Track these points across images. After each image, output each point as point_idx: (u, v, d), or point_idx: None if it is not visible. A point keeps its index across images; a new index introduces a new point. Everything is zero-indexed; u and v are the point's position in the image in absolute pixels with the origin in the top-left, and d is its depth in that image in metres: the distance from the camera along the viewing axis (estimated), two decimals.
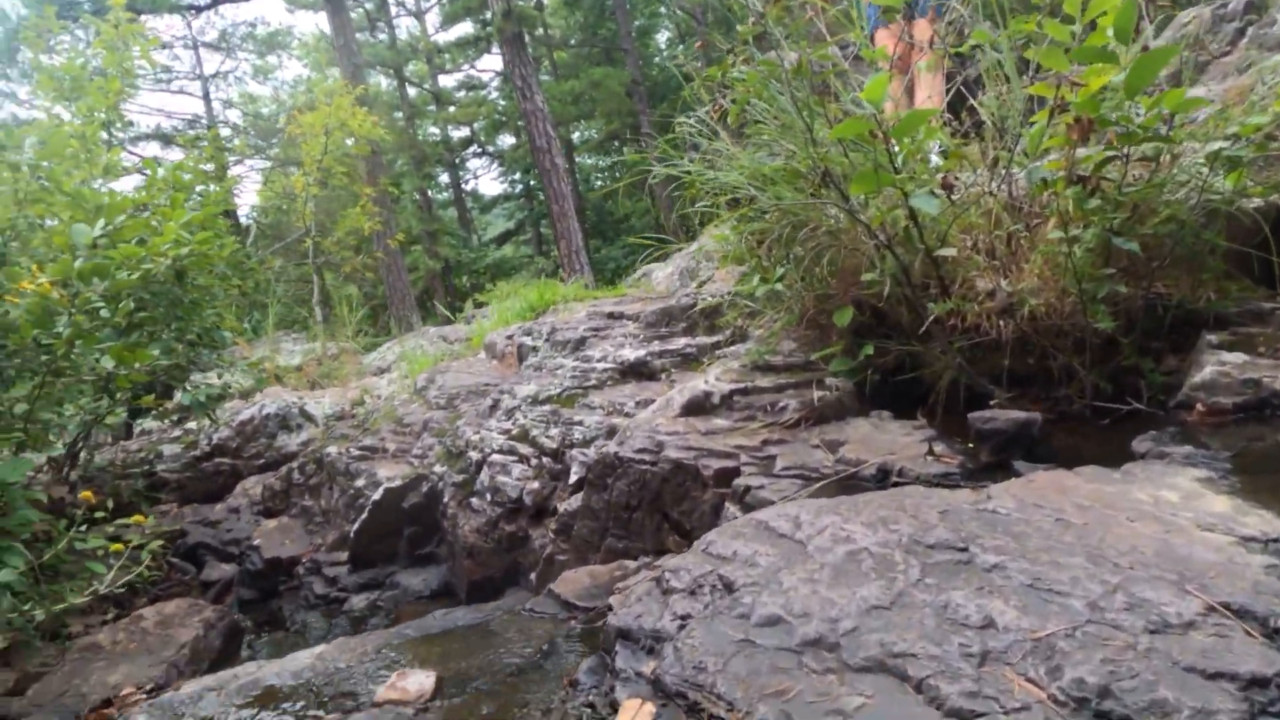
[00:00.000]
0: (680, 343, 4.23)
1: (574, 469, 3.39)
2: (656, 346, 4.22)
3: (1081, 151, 2.26)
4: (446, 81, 30.37)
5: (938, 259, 2.47)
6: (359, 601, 3.81)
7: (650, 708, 1.22)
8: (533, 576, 3.16)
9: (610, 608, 2.19)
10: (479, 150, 32.94)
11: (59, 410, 4.08)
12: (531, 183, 32.54)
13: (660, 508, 2.51)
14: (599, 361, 4.16)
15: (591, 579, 2.45)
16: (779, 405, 2.71)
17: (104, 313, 3.92)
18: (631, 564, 2.53)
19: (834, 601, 1.28)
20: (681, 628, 1.38)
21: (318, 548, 4.35)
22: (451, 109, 28.08)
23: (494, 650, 2.13)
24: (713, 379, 2.92)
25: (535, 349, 4.68)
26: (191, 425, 6.82)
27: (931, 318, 2.45)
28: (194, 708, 2.05)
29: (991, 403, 2.46)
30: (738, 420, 2.71)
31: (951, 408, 2.62)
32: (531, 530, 3.48)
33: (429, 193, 28.23)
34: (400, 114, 23.46)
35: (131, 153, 17.69)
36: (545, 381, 4.13)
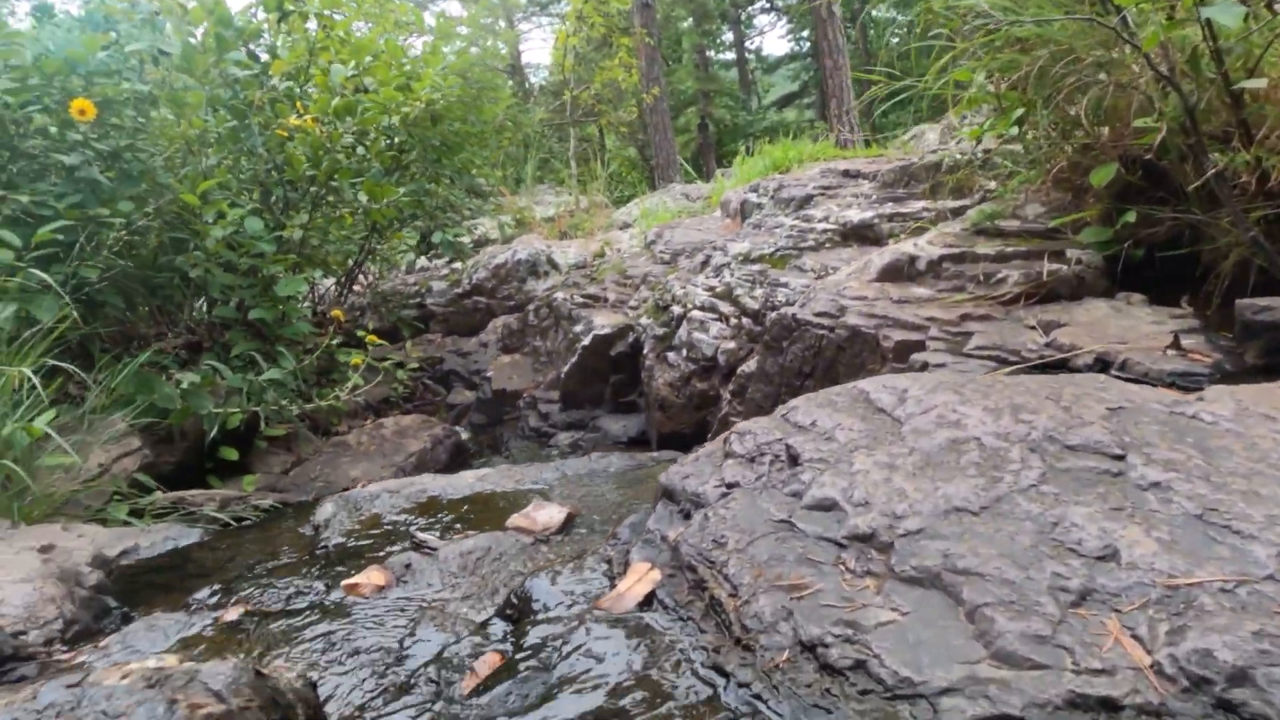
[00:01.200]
0: (916, 206, 3.74)
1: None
2: (888, 209, 3.77)
3: None
4: None
5: (1239, 95, 1.84)
6: (564, 439, 4.01)
7: (656, 575, 1.09)
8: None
9: None
10: (766, 5, 31.31)
11: (326, 238, 4.63)
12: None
13: (833, 377, 2.26)
14: (820, 222, 3.81)
15: None
16: (996, 276, 2.27)
17: (360, 150, 4.31)
18: None
19: (906, 494, 1.02)
20: (723, 496, 1.21)
21: (538, 385, 4.63)
22: None
23: (632, 496, 2.09)
24: (923, 241, 2.52)
25: (759, 206, 4.42)
26: (457, 265, 7.52)
27: (1215, 173, 1.85)
28: (370, 503, 2.27)
29: None
30: (942, 290, 2.33)
31: (1234, 298, 2.02)
32: (722, 390, 3.38)
33: (708, 51, 27.53)
34: None
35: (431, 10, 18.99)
36: (760, 240, 3.89)
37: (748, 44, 31.72)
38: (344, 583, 1.68)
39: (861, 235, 3.67)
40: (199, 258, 3.67)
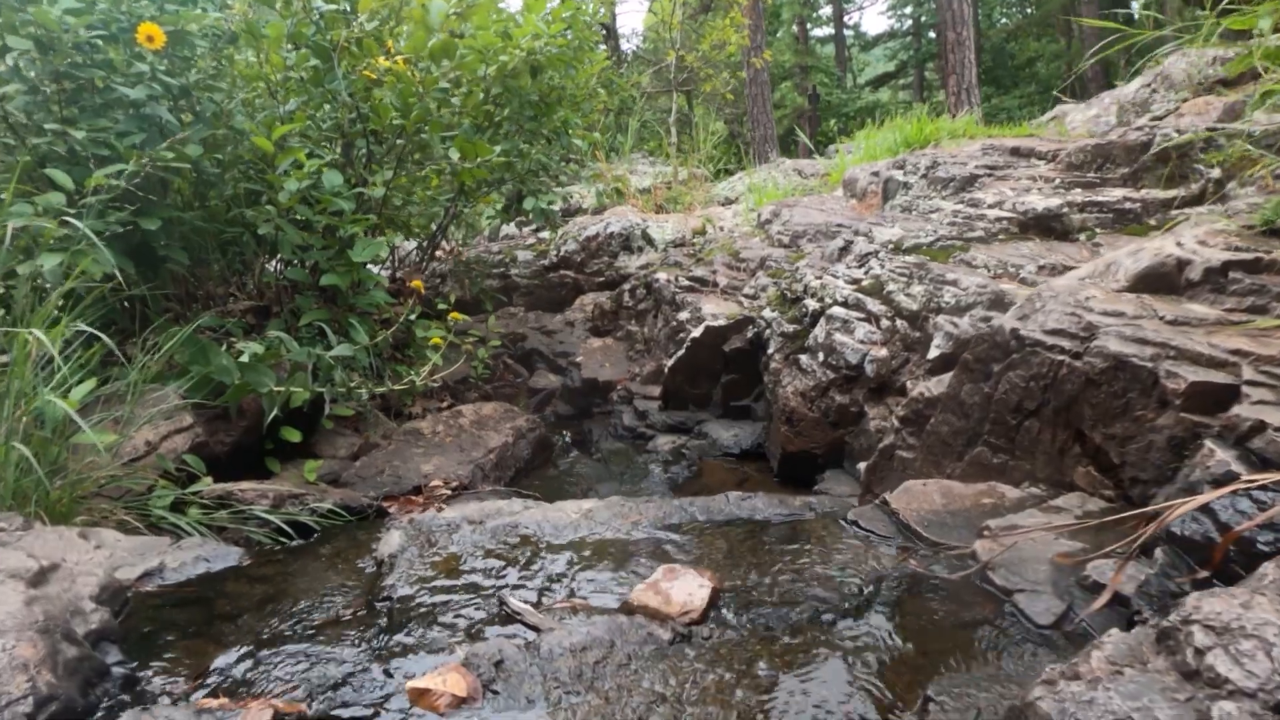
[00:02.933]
0: (1115, 194, 3.05)
1: (937, 340, 2.58)
2: (1078, 196, 3.09)
3: None
4: None
5: None
6: (664, 443, 3.49)
7: None
8: (861, 467, 2.50)
9: (974, 556, 1.47)
10: None
11: (409, 198, 4.18)
12: (922, 18, 28.84)
13: (1074, 421, 1.66)
14: (990, 208, 3.16)
15: (945, 499, 1.73)
16: None
17: (454, 100, 3.83)
18: (1010, 492, 1.74)
19: None
20: None
21: (634, 376, 4.11)
22: None
23: (795, 569, 1.55)
24: (1189, 241, 1.88)
25: (905, 185, 3.77)
26: (545, 235, 7.05)
27: None
28: (446, 538, 1.79)
29: None
30: (1232, 309, 1.69)
31: None
32: (869, 407, 2.79)
33: (807, 25, 26.39)
34: None
35: None
36: (913, 226, 3.26)
37: (846, 19, 30.46)
38: (410, 685, 1.19)
39: (1046, 226, 3.01)
40: (270, 212, 3.25)
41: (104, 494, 2.46)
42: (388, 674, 1.27)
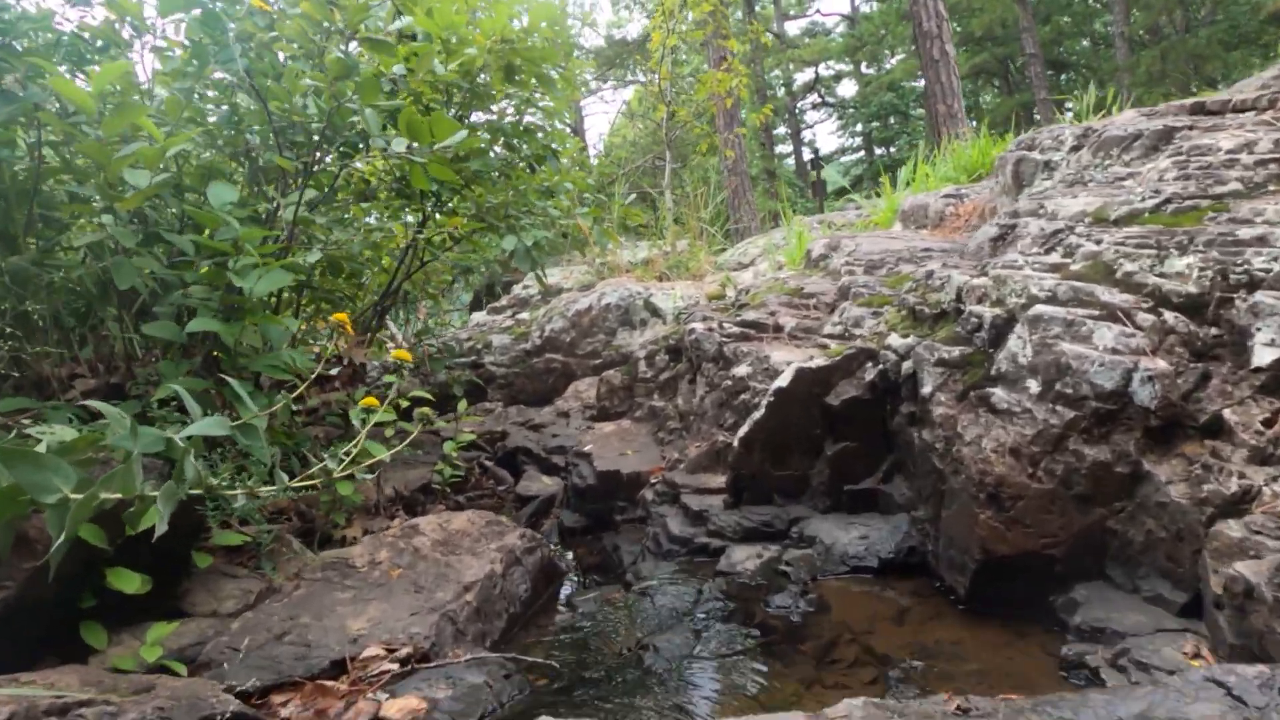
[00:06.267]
0: None
1: (1265, 334, 1.39)
2: None
3: None
4: (790, 28, 28.56)
5: None
6: (744, 558, 2.18)
7: None
8: (1165, 586, 1.23)
9: None
10: (819, 100, 30.81)
11: (342, 222, 2.98)
12: (872, 131, 29.33)
13: None
14: (1235, 153, 2.04)
15: None
16: None
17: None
18: None
19: None
20: None
21: (672, 464, 2.83)
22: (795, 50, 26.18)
23: None
24: None
25: (1048, 165, 2.67)
26: (524, 316, 5.84)
27: None
28: None
29: None
30: None
31: None
32: (1153, 462, 1.55)
33: (772, 133, 26.70)
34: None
35: None
36: (1104, 195, 2.13)
37: (801, 134, 31.21)
38: None
39: None
40: (92, 212, 2.03)
41: None
42: None
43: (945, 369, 1.92)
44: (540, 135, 3.53)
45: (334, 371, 3.21)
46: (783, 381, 2.26)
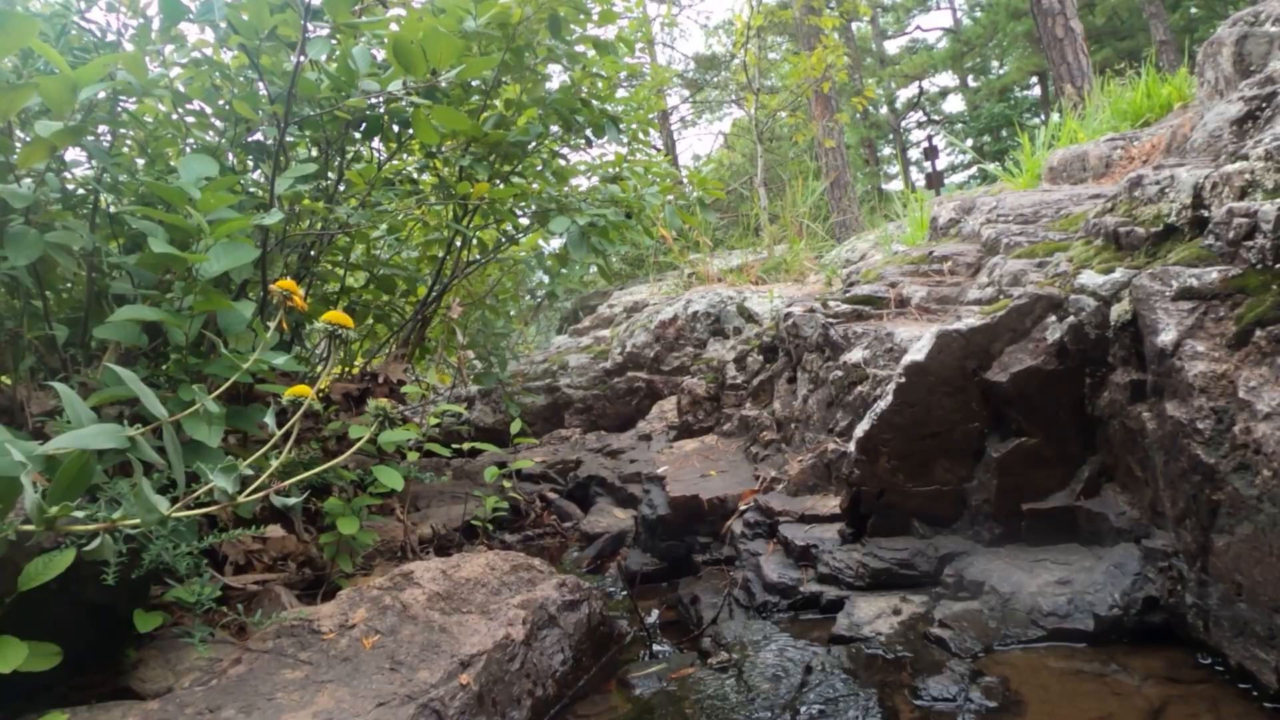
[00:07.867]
0: None
1: None
2: None
3: None
4: (890, 47, 27.60)
5: None
6: (871, 614, 1.47)
7: None
8: None
9: None
10: (924, 117, 29.47)
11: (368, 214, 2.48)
12: (983, 145, 27.65)
13: None
14: None
15: None
16: None
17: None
18: None
19: None
20: None
21: (767, 485, 2.14)
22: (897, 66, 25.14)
23: None
24: None
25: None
26: (604, 333, 5.22)
27: None
28: None
29: None
30: None
31: None
32: None
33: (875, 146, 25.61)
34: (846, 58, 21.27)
35: None
36: None
37: (907, 151, 29.95)
38: None
39: None
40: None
41: None
42: None
43: (1196, 303, 1.17)
44: (595, 105, 2.98)
45: (360, 389, 2.71)
46: (918, 354, 1.55)
